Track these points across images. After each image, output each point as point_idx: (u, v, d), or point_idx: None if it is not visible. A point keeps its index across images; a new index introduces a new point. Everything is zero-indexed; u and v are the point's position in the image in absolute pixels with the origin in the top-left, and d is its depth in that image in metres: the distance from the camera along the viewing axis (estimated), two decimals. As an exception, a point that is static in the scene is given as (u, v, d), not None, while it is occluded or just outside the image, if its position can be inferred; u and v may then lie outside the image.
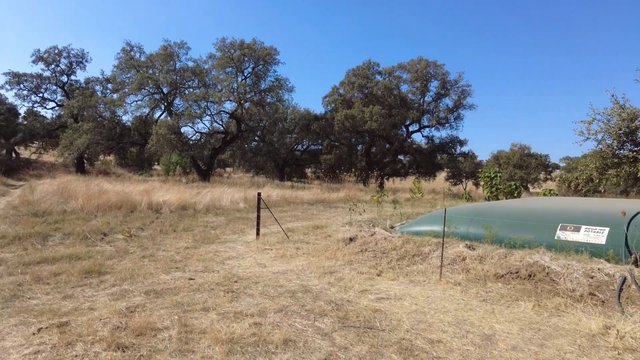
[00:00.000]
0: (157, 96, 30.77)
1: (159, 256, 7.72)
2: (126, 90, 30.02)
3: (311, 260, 7.69)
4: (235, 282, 6.16)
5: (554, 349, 4.07)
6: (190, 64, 31.06)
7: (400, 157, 37.18)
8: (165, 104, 31.25)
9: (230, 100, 30.07)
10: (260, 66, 31.01)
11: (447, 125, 34.16)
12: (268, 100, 32.22)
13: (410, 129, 35.70)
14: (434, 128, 34.79)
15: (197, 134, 31.56)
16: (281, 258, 7.88)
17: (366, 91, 33.81)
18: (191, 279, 6.24)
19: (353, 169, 37.03)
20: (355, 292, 5.85)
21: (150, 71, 30.10)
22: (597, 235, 6.68)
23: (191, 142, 30.46)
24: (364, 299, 5.53)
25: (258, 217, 9.90)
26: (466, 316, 4.98)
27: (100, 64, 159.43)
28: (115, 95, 32.08)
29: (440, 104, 34.36)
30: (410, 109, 33.27)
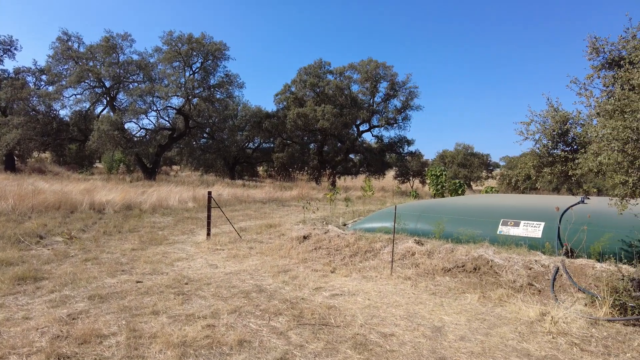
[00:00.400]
0: (98, 90, 29.02)
1: (103, 259, 7.30)
2: (63, 82, 27.99)
3: (265, 260, 7.61)
4: (186, 284, 5.97)
5: (498, 337, 4.32)
6: (135, 57, 29.58)
7: (352, 156, 37.74)
8: (108, 98, 29.55)
9: (178, 96, 28.98)
10: (210, 61, 30.18)
11: (395, 125, 35.13)
12: (217, 96, 31.44)
13: (361, 128, 36.34)
14: (383, 128, 35.64)
15: (142, 130, 30.12)
16: (234, 258, 7.73)
17: (318, 90, 33.97)
18: (139, 282, 5.96)
19: (306, 168, 37.09)
20: (309, 289, 5.87)
21: (91, 63, 28.32)
22: (535, 230, 7.17)
23: (136, 139, 29.01)
24: (319, 296, 5.56)
25: (209, 217, 9.65)
26: (417, 309, 5.16)
27: (33, 53, 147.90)
28: (50, 88, 29.83)
29: (389, 105, 35.26)
30: (360, 108, 33.84)
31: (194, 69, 30.18)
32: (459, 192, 21.76)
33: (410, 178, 37.66)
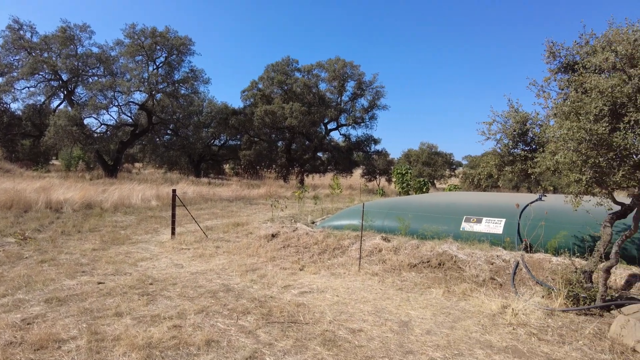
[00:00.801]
0: (54, 83, 27.62)
1: (61, 260, 6.97)
2: (15, 74, 26.45)
3: (232, 259, 7.51)
4: (151, 284, 5.80)
5: (462, 330, 4.46)
6: (95, 49, 28.35)
7: (320, 154, 37.83)
8: (65, 92, 28.19)
9: (141, 91, 28.01)
10: (174, 56, 29.38)
11: (362, 124, 35.49)
12: (182, 91, 30.65)
13: (329, 127, 36.46)
14: (350, 127, 35.93)
15: (102, 126, 28.93)
16: (200, 257, 7.58)
17: (286, 87, 33.81)
18: (100, 283, 5.74)
19: (273, 166, 36.83)
20: (278, 288, 5.85)
21: (46, 54, 26.91)
22: (496, 226, 7.45)
23: (96, 135, 27.85)
24: (287, 294, 5.55)
25: (173, 216, 9.41)
26: (384, 305, 5.25)
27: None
28: (0, 79, 28.14)
29: (357, 104, 35.56)
30: (328, 107, 33.96)
31: (157, 64, 29.30)
32: (424, 190, 22.29)
33: (377, 176, 38.18)
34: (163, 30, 28.38)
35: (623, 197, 5.69)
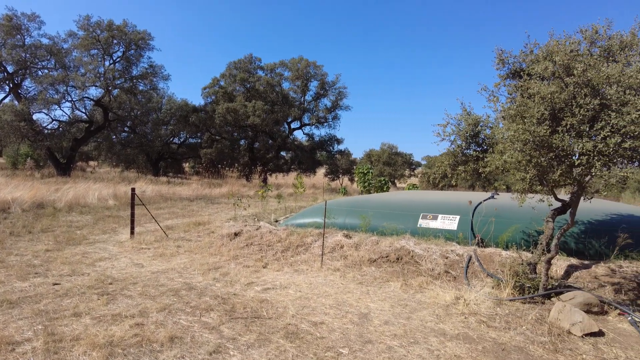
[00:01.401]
0: (-1, 75, 26.02)
1: (10, 261, 6.67)
2: (-46, 65, 24.71)
3: (194, 258, 7.47)
4: (110, 284, 5.70)
5: (418, 320, 4.72)
6: (45, 40, 26.89)
7: (283, 153, 37.80)
8: (11, 85, 26.59)
9: (97, 86, 26.89)
10: (132, 51, 28.42)
11: (325, 124, 35.82)
12: (141, 87, 29.72)
13: (292, 126, 36.51)
14: (314, 126, 36.15)
15: (54, 122, 27.54)
16: (160, 257, 7.49)
17: (248, 85, 33.53)
18: (56, 284, 5.57)
19: (236, 164, 36.40)
20: (241, 285, 5.90)
21: (-11, 45, 25.29)
22: (451, 222, 7.85)
23: (47, 132, 26.47)
24: (251, 291, 5.62)
25: (132, 215, 9.20)
26: (345, 298, 5.44)
27: None
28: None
29: (320, 104, 35.83)
30: (292, 106, 34.01)
31: (114, 58, 28.24)
32: (384, 189, 22.85)
33: (340, 176, 38.65)
34: (120, 24, 27.39)
35: (564, 195, 6.18)
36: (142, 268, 6.65)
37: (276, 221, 10.42)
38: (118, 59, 28.28)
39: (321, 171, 39.65)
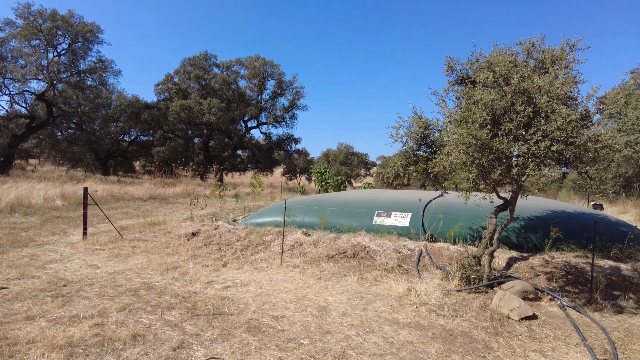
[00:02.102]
0: None
1: (-50, 266, 6.30)
2: None
3: (151, 258, 7.39)
4: (65, 286, 5.56)
5: (374, 311, 5.02)
6: (-23, 28, 25.01)
7: (239, 152, 37.42)
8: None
9: (39, 79, 25.36)
10: (80, 43, 27.05)
11: (283, 123, 35.86)
12: (89, 82, 28.36)
13: (249, 124, 36.22)
14: (271, 125, 36.08)
15: (-11, 117, 25.69)
16: (116, 258, 7.34)
17: (203, 82, 32.89)
18: (3, 288, 5.36)
19: (190, 163, 35.56)
20: (201, 284, 5.96)
21: None
22: (403, 219, 8.27)
23: (-19, 127, 24.67)
24: (211, 289, 5.70)
25: (85, 215, 8.90)
26: (304, 293, 5.65)
27: None
28: None
29: (277, 103, 35.81)
30: (248, 105, 33.74)
31: (59, 51, 26.76)
32: (341, 188, 23.31)
33: (298, 175, 38.82)
34: (65, 14, 25.99)
35: (505, 193, 6.74)
36: (97, 269, 6.51)
37: (234, 220, 10.45)
38: (63, 52, 26.82)
39: (278, 170, 39.65)
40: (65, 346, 3.71)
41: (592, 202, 16.33)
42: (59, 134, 30.30)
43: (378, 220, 8.44)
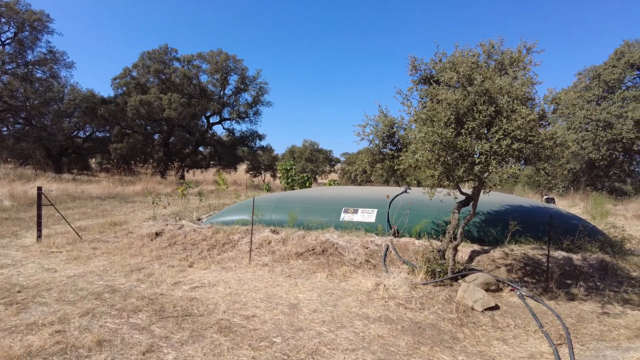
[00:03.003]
0: None
1: None
2: None
3: (114, 260, 7.13)
4: (19, 292, 5.26)
5: (344, 307, 5.09)
6: None
7: (201, 148, 36.61)
8: None
9: (-19, 71, 23.73)
10: (27, 33, 25.49)
11: (246, 119, 35.37)
12: (38, 75, 26.81)
13: (211, 120, 35.49)
14: (234, 121, 35.49)
15: None
16: (75, 260, 7.02)
17: (163, 77, 31.86)
18: (-49, 296, 5.00)
19: (150, 160, 34.40)
20: (168, 285, 5.81)
21: None
22: (370, 215, 8.41)
23: None
24: (178, 291, 5.57)
25: (39, 216, 8.44)
26: (275, 291, 5.64)
27: None
28: None
29: (240, 99, 35.28)
30: (210, 100, 33.02)
31: (3, 40, 25.10)
32: (307, 185, 23.33)
33: (262, 172, 38.48)
34: (10, 1, 24.37)
35: (467, 189, 7.00)
36: (55, 273, 6.20)
37: (199, 219, 10.25)
38: (8, 41, 25.19)
39: (242, 167, 39.12)
40: (24, 356, 3.52)
41: (545, 197, 17.26)
42: (5, 129, 28.43)
43: (345, 216, 8.54)
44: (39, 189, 8.61)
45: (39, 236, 8.29)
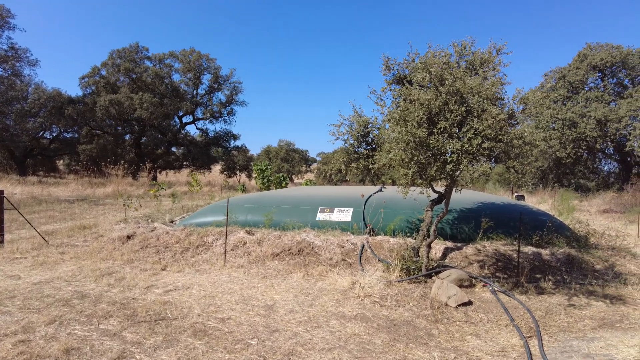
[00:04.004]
0: None
1: None
2: None
3: (83, 264, 6.89)
4: (-20, 300, 5.01)
5: (320, 306, 5.09)
6: None
7: (174, 149, 35.90)
8: None
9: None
10: (-15, 28, 24.37)
11: (220, 119, 34.89)
12: (0, 73, 25.66)
13: (184, 120, 34.85)
14: (208, 121, 34.96)
15: None
16: (41, 266, 6.75)
17: (134, 76, 31.05)
18: None
19: (121, 161, 33.48)
20: (140, 289, 5.67)
21: None
22: (345, 214, 8.45)
23: None
24: (151, 294, 5.44)
25: (1, 221, 8.07)
26: (250, 293, 5.59)
27: None
28: None
29: (214, 98, 34.77)
30: (183, 99, 32.41)
31: (-41, 36, 23.87)
32: (283, 185, 23.23)
33: (237, 172, 38.08)
34: (-32, -4, 23.22)
35: (440, 187, 7.12)
36: (19, 280, 5.94)
37: (172, 221, 10.05)
38: (-34, 37, 23.99)
39: (217, 168, 38.61)
40: (-14, 367, 3.36)
41: (515, 194, 17.77)
42: (-36, 130, 27.09)
43: (321, 216, 8.54)
44: (1, 192, 8.24)
45: (1, 242, 7.93)
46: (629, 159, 25.21)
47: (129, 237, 8.23)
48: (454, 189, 6.16)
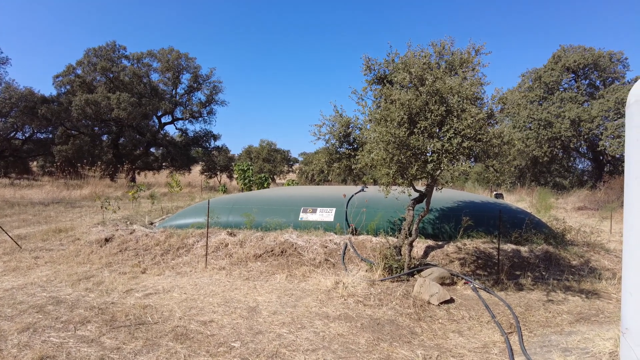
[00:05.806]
0: None
1: None
2: None
3: (59, 269, 6.69)
4: (-52, 308, 4.81)
5: (304, 307, 5.07)
6: None
7: (153, 149, 35.25)
8: None
9: None
10: (-45, 27, 23.43)
11: (200, 119, 34.41)
12: (-32, 72, 24.73)
13: (163, 120, 34.25)
14: (187, 121, 34.45)
15: None
16: (14, 271, 6.53)
17: (111, 75, 30.36)
18: None
19: (98, 163, 32.67)
20: (119, 293, 5.54)
21: None
22: (328, 214, 8.45)
23: None
24: (131, 298, 5.32)
25: (-29, 225, 7.77)
26: (233, 295, 5.52)
27: None
28: None
29: (193, 98, 34.27)
30: (162, 99, 31.84)
31: None
32: (265, 185, 23.08)
33: (218, 173, 37.65)
34: None
35: (421, 187, 7.20)
36: (-10, 286, 5.73)
37: (151, 223, 9.87)
38: None
39: (197, 168, 38.06)
40: (-45, 378, 3.22)
41: (495, 193, 18.11)
42: None
43: (304, 216, 8.52)
44: (-29, 195, 7.92)
45: (-28, 247, 7.64)
46: (601, 158, 26.02)
47: (107, 240, 8.03)
48: (434, 188, 6.23)
